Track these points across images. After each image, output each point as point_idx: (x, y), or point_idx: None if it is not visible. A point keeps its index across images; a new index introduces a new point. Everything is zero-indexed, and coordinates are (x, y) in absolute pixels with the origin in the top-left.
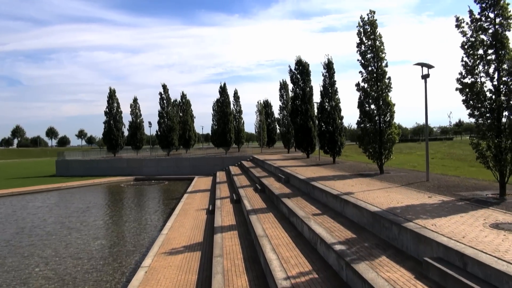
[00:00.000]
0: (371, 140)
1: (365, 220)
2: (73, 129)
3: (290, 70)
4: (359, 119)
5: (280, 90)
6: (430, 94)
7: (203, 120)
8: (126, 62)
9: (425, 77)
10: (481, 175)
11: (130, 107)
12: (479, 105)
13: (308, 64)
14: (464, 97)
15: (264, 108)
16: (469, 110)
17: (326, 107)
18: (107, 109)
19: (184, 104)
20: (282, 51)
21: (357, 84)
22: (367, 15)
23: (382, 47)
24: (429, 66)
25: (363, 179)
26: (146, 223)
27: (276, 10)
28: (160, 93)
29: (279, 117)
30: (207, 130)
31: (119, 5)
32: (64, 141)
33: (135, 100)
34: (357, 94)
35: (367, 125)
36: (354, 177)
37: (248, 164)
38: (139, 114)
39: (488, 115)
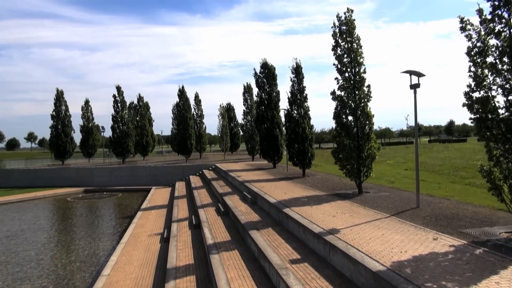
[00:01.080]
0: (349, 156)
1: (362, 279)
2: (25, 130)
3: (255, 73)
4: (335, 132)
5: (244, 94)
6: (388, 96)
7: (165, 121)
8: (83, 60)
9: (414, 87)
10: (470, 196)
11: (82, 109)
12: (493, 125)
13: (274, 68)
14: (474, 115)
15: (227, 111)
16: (481, 129)
17: (295, 115)
18: (54, 113)
19: (142, 108)
20: (244, 52)
21: (333, 93)
22: (344, 13)
23: (360, 50)
24: (419, 75)
25: (342, 202)
26: (86, 257)
27: (238, 11)
28: (114, 96)
29: (242, 122)
30: (169, 131)
31: (75, 1)
32: (13, 144)
33: (86, 102)
34: (324, 101)
35: (344, 139)
36: (331, 200)
37: (210, 174)
38: (91, 117)
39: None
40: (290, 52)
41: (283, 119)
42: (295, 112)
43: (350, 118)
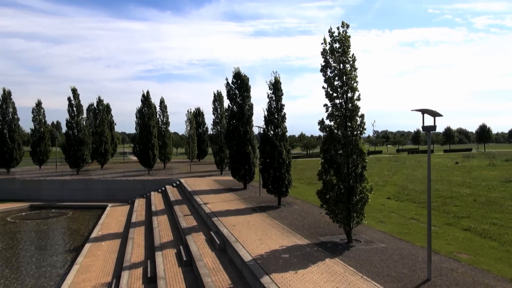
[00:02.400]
0: (337, 199)
1: None
2: None
3: (227, 83)
4: (322, 169)
5: (214, 102)
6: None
7: (130, 118)
8: (46, 52)
9: (428, 129)
10: (482, 255)
11: (32, 112)
12: None
13: (248, 79)
14: None
15: (196, 117)
16: None
17: (271, 136)
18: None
19: (101, 112)
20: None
21: (321, 122)
22: (338, 28)
23: (354, 73)
24: (435, 114)
25: (333, 264)
26: None
27: (209, 10)
28: (69, 99)
29: (212, 132)
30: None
31: None
32: None
33: (38, 104)
34: (294, 104)
35: (333, 178)
36: (318, 257)
37: (174, 192)
38: (43, 120)
39: None
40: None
41: (255, 131)
42: (272, 132)
43: (340, 152)
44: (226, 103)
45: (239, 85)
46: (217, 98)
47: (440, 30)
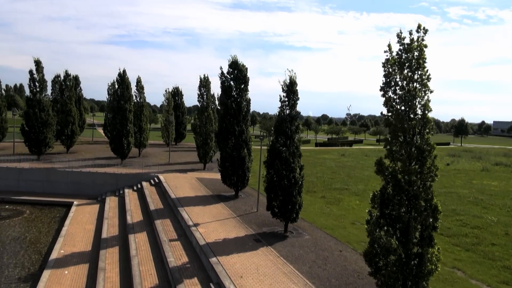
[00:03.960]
0: (396, 272)
1: None
2: None
3: (222, 74)
4: (377, 229)
5: (199, 88)
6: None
7: (99, 85)
8: (10, 8)
9: None
10: None
11: None
12: None
13: (246, 69)
14: None
15: (173, 97)
16: None
17: (282, 150)
18: None
19: (69, 88)
20: (190, 22)
21: (379, 163)
22: (410, 33)
23: (427, 96)
24: None
25: None
26: None
27: None
28: (31, 72)
29: (195, 122)
30: (103, 96)
31: None
32: None
33: None
34: (268, 81)
35: (393, 241)
36: None
37: (153, 196)
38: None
39: None
40: (237, 27)
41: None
42: (280, 144)
43: (403, 210)
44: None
45: (236, 76)
46: (204, 83)
47: (416, 17)
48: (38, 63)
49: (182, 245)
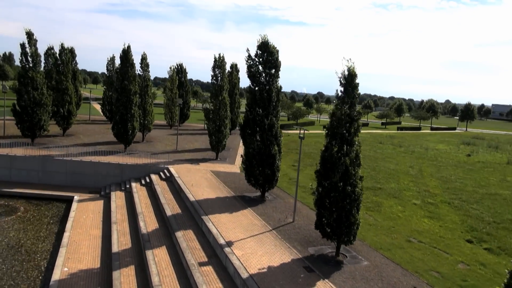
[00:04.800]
0: None
1: None
2: None
3: (249, 56)
4: None
5: (213, 68)
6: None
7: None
8: None
9: None
10: None
11: None
12: None
13: (278, 51)
14: None
15: (177, 74)
16: None
17: (340, 156)
18: None
19: (65, 63)
20: None
21: None
22: None
23: None
24: None
25: None
26: None
27: None
28: (23, 46)
29: (209, 106)
30: (97, 67)
31: None
32: None
33: None
34: None
35: None
36: None
37: (166, 195)
38: None
39: None
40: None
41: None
42: (338, 151)
43: None
44: (245, 87)
45: (265, 59)
46: (219, 63)
47: None
48: (30, 35)
49: (216, 272)
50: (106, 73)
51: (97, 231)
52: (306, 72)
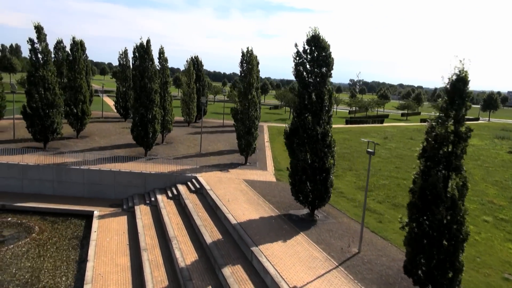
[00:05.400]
0: None
1: None
2: None
3: (297, 53)
4: None
5: (241, 64)
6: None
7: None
8: None
9: None
10: None
11: None
12: None
13: (329, 45)
14: None
15: (193, 67)
16: None
17: (448, 191)
18: None
19: (77, 59)
20: None
21: None
22: None
23: None
24: None
25: None
26: None
27: None
28: (31, 42)
29: (236, 105)
30: (103, 58)
31: None
32: None
33: None
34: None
35: None
36: None
37: (198, 209)
38: None
39: None
40: None
41: None
42: (438, 178)
43: None
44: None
45: (317, 56)
46: (247, 58)
47: None
48: (39, 29)
49: None
50: (118, 67)
51: (124, 260)
52: None
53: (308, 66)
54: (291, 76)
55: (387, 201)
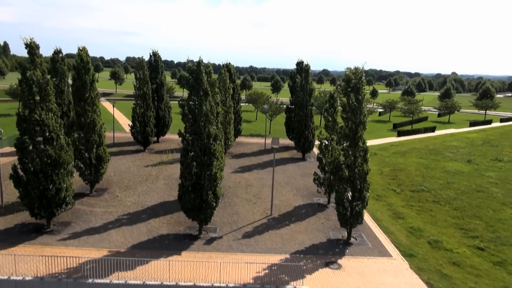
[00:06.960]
0: None
1: None
2: None
3: None
4: None
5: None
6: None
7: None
8: None
9: None
10: None
11: None
12: None
13: None
14: None
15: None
16: None
17: None
18: None
19: (87, 83)
20: None
21: None
22: None
23: None
24: None
25: None
26: None
27: None
28: (23, 71)
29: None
30: (97, 52)
31: None
32: None
33: None
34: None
35: None
36: None
37: None
38: None
39: None
40: None
41: None
42: None
43: None
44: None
45: None
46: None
47: None
48: (32, 48)
49: None
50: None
51: None
52: (307, 47)
53: None
54: (285, 66)
55: None
